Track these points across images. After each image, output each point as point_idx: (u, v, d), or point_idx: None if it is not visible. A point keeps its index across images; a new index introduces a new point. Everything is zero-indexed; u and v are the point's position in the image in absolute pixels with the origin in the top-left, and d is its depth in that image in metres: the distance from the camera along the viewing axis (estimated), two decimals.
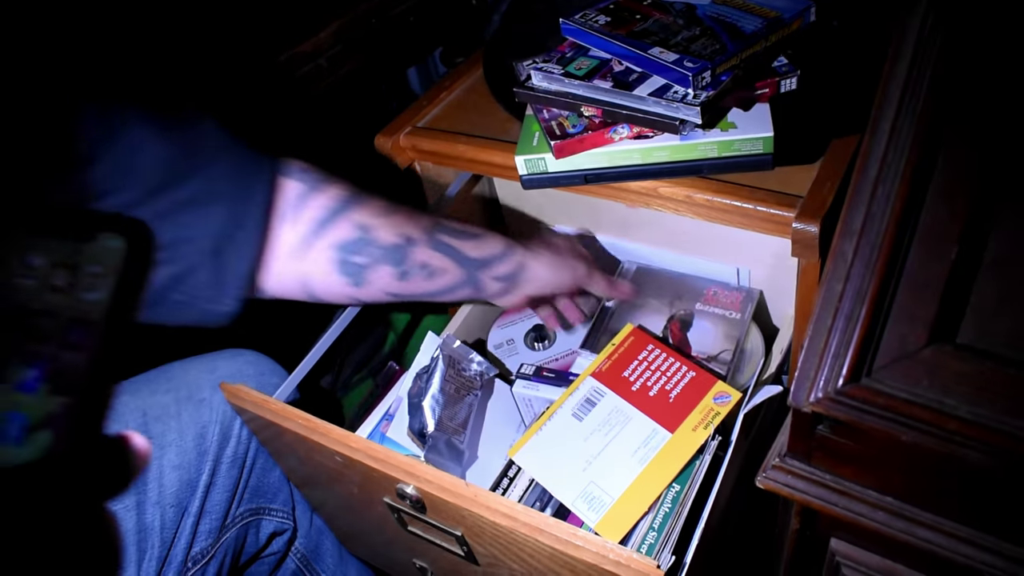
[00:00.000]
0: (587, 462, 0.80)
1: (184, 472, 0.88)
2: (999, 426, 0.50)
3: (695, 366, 0.86)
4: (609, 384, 0.86)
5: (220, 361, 0.96)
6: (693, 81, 0.75)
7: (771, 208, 0.79)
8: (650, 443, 0.80)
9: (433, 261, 0.80)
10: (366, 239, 0.76)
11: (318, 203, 0.75)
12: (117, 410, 0.86)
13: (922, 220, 0.55)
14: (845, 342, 0.54)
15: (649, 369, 0.86)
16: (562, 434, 0.83)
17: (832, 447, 0.59)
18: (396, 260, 0.78)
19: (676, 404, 0.83)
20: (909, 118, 0.57)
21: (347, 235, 0.76)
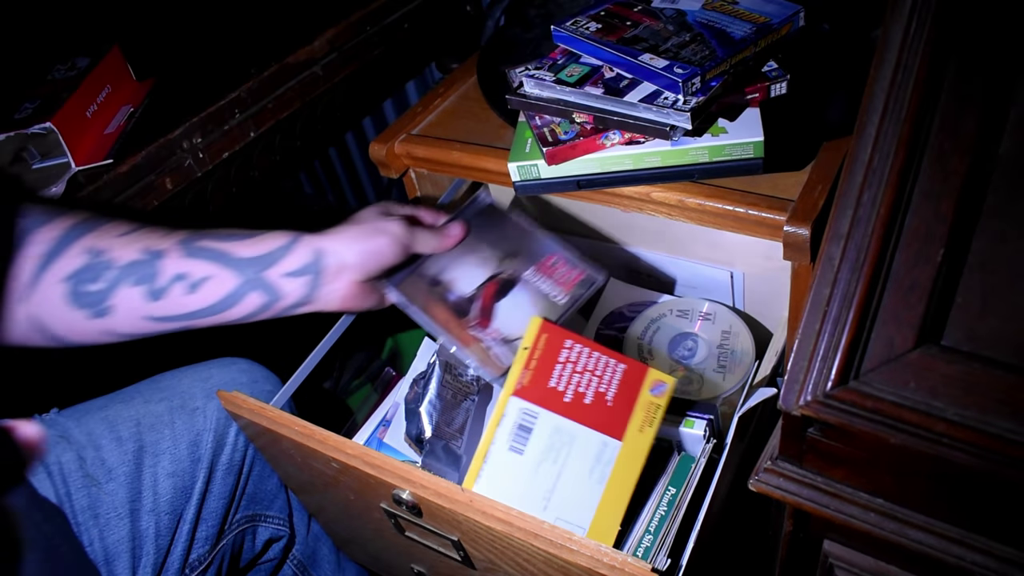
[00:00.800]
0: (544, 499, 0.74)
1: (179, 479, 0.89)
2: (986, 428, 0.51)
3: (622, 356, 0.78)
4: (538, 401, 0.76)
5: (213, 370, 0.96)
6: (683, 87, 0.75)
7: (763, 212, 0.79)
8: (603, 457, 0.74)
9: (193, 270, 0.71)
10: (99, 263, 0.69)
11: (43, 237, 0.68)
12: (110, 419, 0.87)
13: (908, 223, 0.56)
14: (833, 346, 0.55)
15: (576, 371, 0.77)
16: (506, 474, 0.75)
17: (823, 450, 0.59)
18: (140, 278, 0.70)
19: (616, 406, 0.76)
20: (894, 122, 0.57)
21: (76, 263, 0.69)
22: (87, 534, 0.83)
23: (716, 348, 0.96)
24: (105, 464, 0.85)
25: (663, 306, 1.01)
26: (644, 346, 0.97)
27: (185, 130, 1.00)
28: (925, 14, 0.60)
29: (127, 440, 0.87)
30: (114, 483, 0.85)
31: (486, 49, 1.11)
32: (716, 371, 0.94)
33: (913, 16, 0.60)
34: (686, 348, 0.96)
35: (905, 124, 0.57)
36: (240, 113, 1.06)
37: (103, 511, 0.84)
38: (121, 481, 0.85)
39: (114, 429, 0.87)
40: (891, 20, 0.60)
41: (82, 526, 0.83)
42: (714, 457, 0.82)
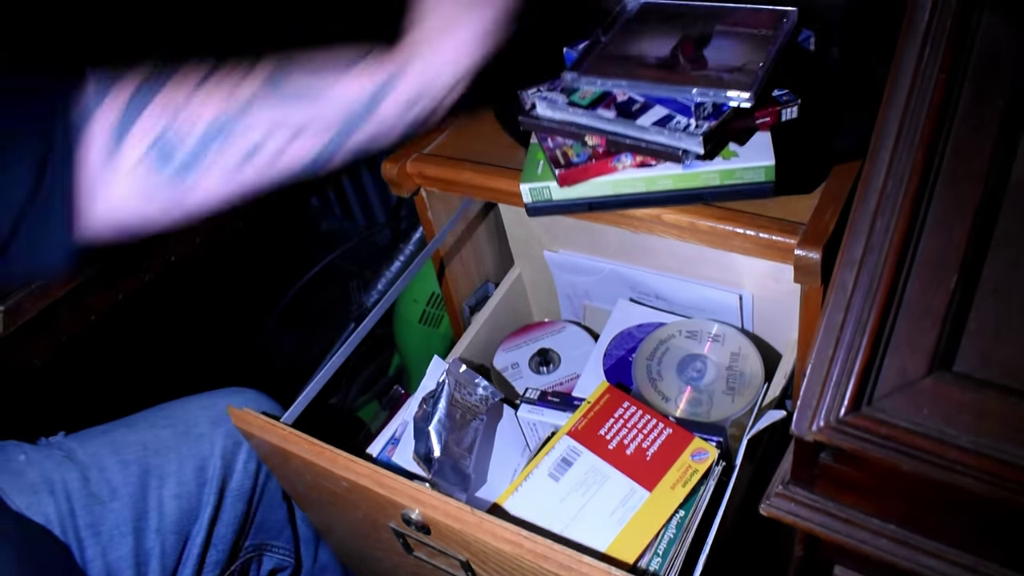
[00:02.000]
0: (564, 524, 0.80)
1: (184, 501, 0.89)
2: (1000, 455, 0.51)
3: (672, 423, 0.86)
4: (585, 443, 0.85)
5: (219, 399, 0.96)
6: (695, 111, 0.76)
7: (773, 235, 0.79)
8: (628, 503, 0.80)
9: (286, 118, 0.62)
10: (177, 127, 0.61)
11: (110, 107, 0.60)
12: (115, 443, 0.88)
13: (921, 250, 0.56)
14: (846, 372, 0.55)
15: (625, 427, 0.86)
16: (539, 495, 0.82)
17: (835, 475, 0.59)
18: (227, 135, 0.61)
19: (653, 462, 0.83)
20: (908, 148, 0.58)
21: (153, 129, 0.61)
22: (89, 551, 0.83)
23: (725, 370, 0.96)
24: (110, 483, 0.85)
25: (672, 327, 1.01)
26: (653, 367, 0.97)
27: None
28: (939, 38, 0.60)
29: (132, 463, 0.87)
30: (118, 502, 0.85)
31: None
32: (725, 393, 0.94)
33: (927, 40, 0.60)
34: (695, 370, 0.96)
35: (919, 150, 0.57)
36: None
37: (106, 528, 0.84)
38: (125, 500, 0.85)
39: (119, 452, 0.87)
40: (904, 44, 0.61)
41: (84, 543, 0.83)
42: (723, 480, 0.82)
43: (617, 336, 1.04)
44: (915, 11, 0.61)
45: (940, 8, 0.60)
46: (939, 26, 0.59)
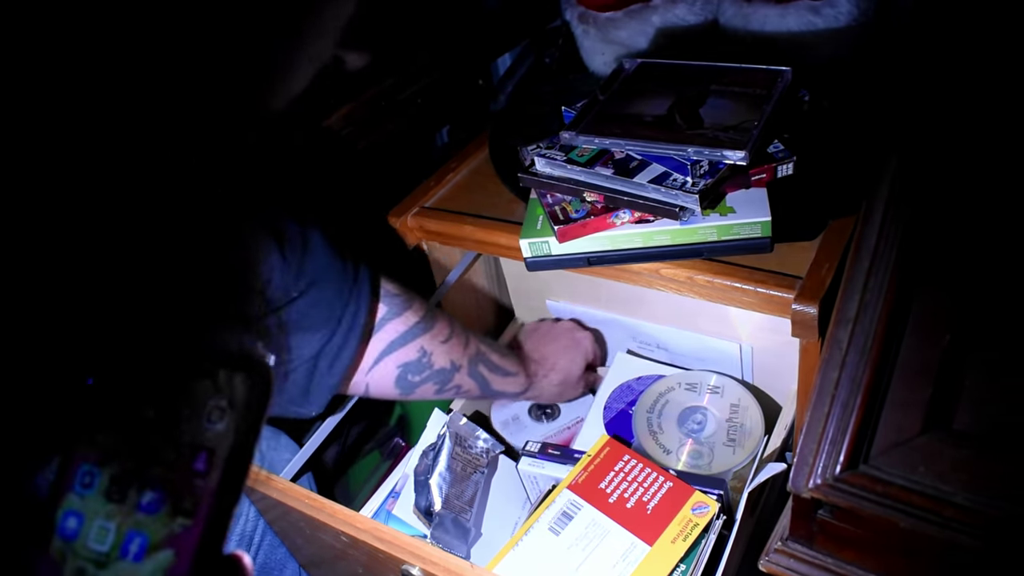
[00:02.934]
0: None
1: None
2: (996, 512, 0.51)
3: (672, 476, 0.86)
4: (586, 496, 0.86)
5: None
6: (691, 169, 0.77)
7: (771, 289, 0.80)
8: (628, 557, 0.81)
9: (466, 385, 0.90)
10: (424, 363, 0.86)
11: (395, 327, 0.83)
12: None
13: (914, 308, 0.57)
14: (842, 429, 0.55)
15: (626, 480, 0.87)
16: (539, 549, 0.83)
17: (833, 531, 0.60)
18: (441, 381, 0.88)
19: (654, 516, 0.83)
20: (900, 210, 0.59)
21: (410, 357, 0.85)
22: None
23: (725, 422, 0.96)
24: None
25: (671, 380, 1.02)
26: (653, 420, 0.97)
27: None
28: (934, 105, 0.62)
29: None
30: None
31: (498, 124, 1.14)
32: (726, 445, 0.94)
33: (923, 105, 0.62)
34: (695, 422, 0.96)
35: (911, 213, 0.58)
36: None
37: None
38: None
39: None
40: (896, 109, 0.62)
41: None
42: (724, 533, 0.82)
43: (616, 389, 1.04)
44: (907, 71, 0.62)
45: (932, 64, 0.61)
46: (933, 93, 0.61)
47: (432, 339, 0.86)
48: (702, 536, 0.81)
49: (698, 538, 0.81)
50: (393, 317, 0.83)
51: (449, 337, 0.88)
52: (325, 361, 0.77)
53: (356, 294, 0.78)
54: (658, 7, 1.11)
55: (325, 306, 0.75)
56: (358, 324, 0.78)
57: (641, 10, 1.12)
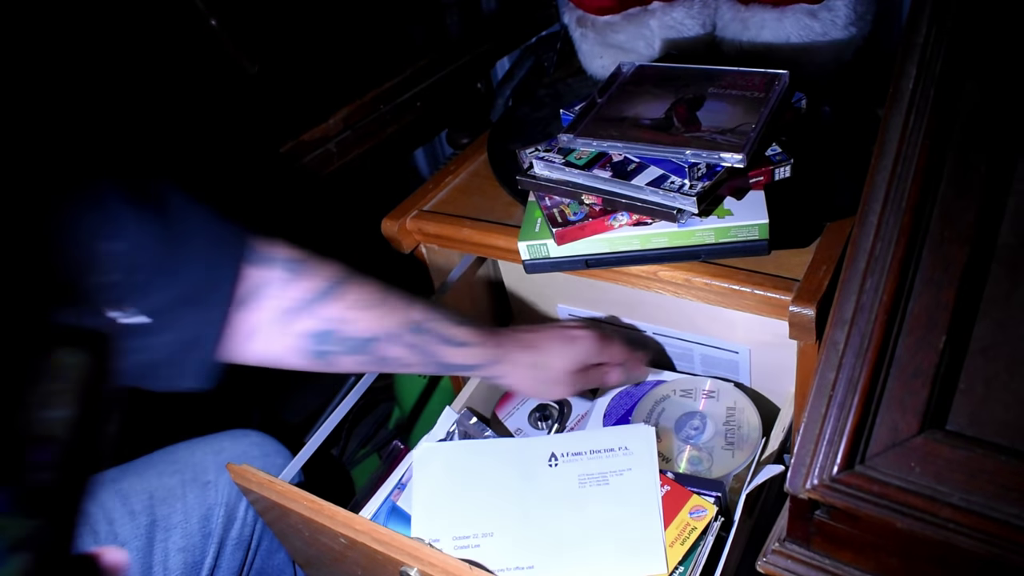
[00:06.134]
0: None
1: (189, 554, 0.89)
2: (991, 513, 0.52)
3: (669, 480, 0.86)
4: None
5: (226, 442, 0.97)
6: (689, 172, 0.78)
7: (768, 292, 0.81)
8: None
9: (404, 357, 0.83)
10: (334, 331, 0.79)
11: (292, 293, 0.78)
12: (123, 492, 0.88)
13: (910, 310, 0.57)
14: (839, 430, 0.56)
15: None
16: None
17: (830, 532, 0.60)
18: (364, 351, 0.81)
19: None
20: (895, 212, 0.59)
21: (314, 327, 0.79)
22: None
23: (723, 425, 0.96)
24: (118, 539, 0.86)
25: (667, 387, 1.02)
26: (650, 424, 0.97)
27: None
28: (923, 106, 0.62)
29: (140, 513, 0.88)
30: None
31: (496, 127, 1.14)
32: (725, 448, 0.94)
33: (912, 109, 0.62)
34: (692, 427, 0.97)
35: (906, 214, 0.59)
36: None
37: None
38: (134, 556, 0.86)
39: (127, 503, 0.88)
40: (891, 112, 0.63)
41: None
42: (722, 535, 0.82)
43: (616, 396, 1.04)
44: (900, 79, 0.63)
45: (924, 76, 0.62)
46: (924, 94, 0.61)
47: (345, 306, 0.80)
48: (700, 539, 0.82)
49: (696, 541, 0.81)
50: (290, 282, 0.78)
51: (374, 304, 0.81)
52: (192, 329, 0.72)
53: (222, 257, 0.74)
54: (656, 11, 1.12)
55: (188, 272, 0.70)
56: (223, 288, 0.73)
57: (639, 14, 1.13)
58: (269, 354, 0.79)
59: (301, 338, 0.78)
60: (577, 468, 0.89)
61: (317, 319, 0.78)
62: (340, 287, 0.79)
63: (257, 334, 0.77)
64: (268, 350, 0.79)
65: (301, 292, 0.78)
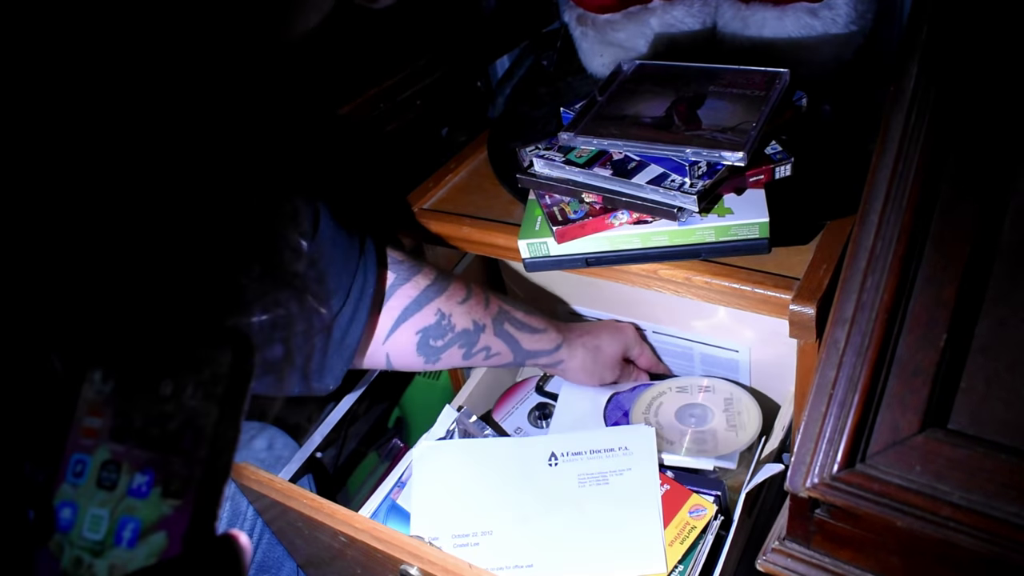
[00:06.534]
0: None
1: None
2: (992, 512, 0.52)
3: (669, 479, 0.86)
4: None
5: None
6: (689, 170, 0.77)
7: (768, 290, 0.81)
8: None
9: (495, 346, 0.90)
10: (444, 325, 0.86)
11: (406, 293, 0.84)
12: None
13: (911, 309, 0.57)
14: (839, 428, 0.56)
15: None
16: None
17: (830, 531, 0.60)
18: (466, 343, 0.88)
19: None
20: (896, 210, 0.59)
21: (428, 321, 0.85)
22: None
23: (723, 412, 0.96)
24: None
25: (661, 385, 1.02)
26: (651, 419, 0.97)
27: None
28: (925, 105, 0.62)
29: None
30: None
31: (496, 126, 1.14)
32: (728, 430, 0.94)
33: (913, 107, 0.62)
34: (692, 415, 0.96)
35: (907, 212, 0.58)
36: None
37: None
38: None
39: None
40: (892, 111, 0.63)
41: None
42: (721, 534, 0.82)
43: (613, 397, 1.04)
44: (902, 78, 0.63)
45: (926, 75, 0.62)
46: (924, 93, 0.61)
47: (448, 300, 0.86)
48: (700, 538, 0.82)
49: (696, 540, 0.81)
50: (403, 283, 0.84)
51: (467, 297, 0.88)
52: (338, 332, 0.78)
53: (363, 263, 0.79)
54: (656, 9, 1.12)
55: (333, 277, 0.76)
56: (368, 292, 0.79)
57: (639, 12, 1.13)
58: (391, 354, 0.85)
59: (417, 334, 0.85)
60: (577, 468, 0.89)
61: (429, 314, 0.85)
62: (441, 283, 0.86)
63: (383, 335, 0.83)
64: (390, 350, 0.85)
65: (413, 290, 0.84)
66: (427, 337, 0.85)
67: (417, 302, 0.84)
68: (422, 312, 0.84)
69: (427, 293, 0.85)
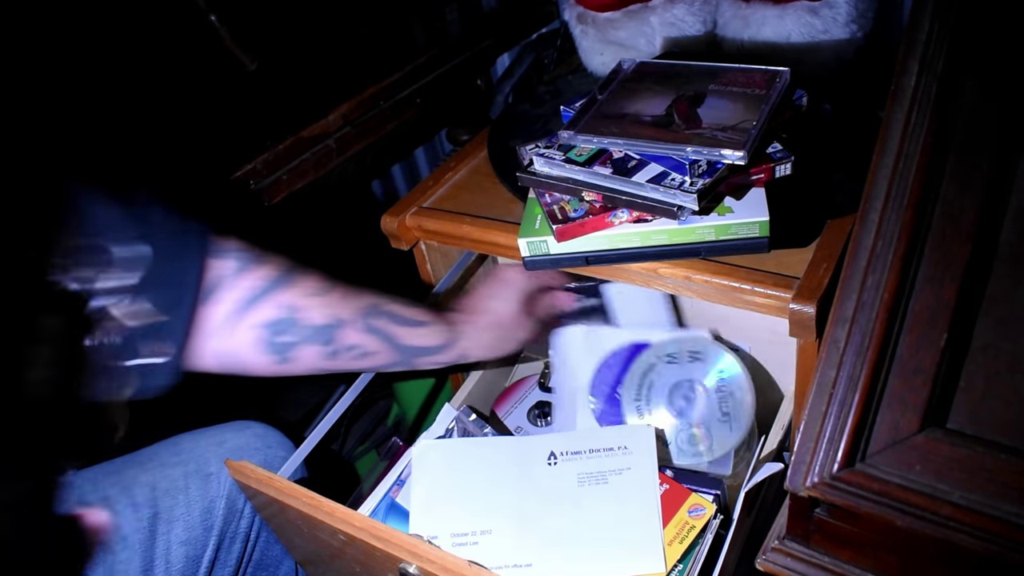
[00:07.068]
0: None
1: (191, 548, 0.89)
2: (992, 512, 0.52)
3: (668, 479, 0.86)
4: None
5: (228, 434, 0.97)
6: (689, 169, 0.77)
7: (768, 289, 0.81)
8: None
9: (366, 344, 0.83)
10: (292, 319, 0.79)
11: (246, 283, 0.77)
12: (126, 484, 0.88)
13: (911, 308, 0.57)
14: (839, 428, 0.56)
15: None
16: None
17: (830, 530, 0.60)
18: (324, 340, 0.81)
19: None
20: (896, 209, 0.59)
21: (272, 315, 0.78)
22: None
23: (715, 393, 0.94)
24: (120, 531, 0.85)
25: (650, 354, 0.99)
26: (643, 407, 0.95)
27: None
28: (925, 103, 0.62)
29: (142, 506, 0.87)
30: (128, 551, 0.85)
31: (496, 124, 1.14)
32: (722, 421, 0.93)
33: (914, 106, 0.62)
34: (684, 398, 0.95)
35: (907, 211, 0.58)
36: (255, 184, 1.08)
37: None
38: (136, 549, 0.85)
39: (130, 494, 0.88)
40: (892, 109, 0.63)
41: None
42: (721, 533, 0.82)
43: (596, 374, 1.01)
44: (902, 76, 0.63)
45: (926, 73, 0.62)
46: (925, 91, 0.61)
47: (299, 293, 0.79)
48: (699, 537, 0.82)
49: (695, 539, 0.81)
50: (243, 272, 0.78)
51: (326, 291, 0.81)
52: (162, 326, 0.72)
53: (188, 252, 0.74)
54: (657, 7, 1.12)
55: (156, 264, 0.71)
56: (190, 280, 0.73)
57: (640, 10, 1.13)
58: (231, 352, 0.78)
59: (259, 328, 0.78)
60: (576, 467, 0.88)
61: (273, 307, 0.78)
62: (291, 275, 0.79)
63: (219, 330, 0.77)
64: (229, 347, 0.78)
65: (255, 281, 0.78)
66: (272, 333, 0.78)
67: (259, 293, 0.78)
68: (263, 305, 0.78)
69: (271, 285, 0.78)
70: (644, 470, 0.87)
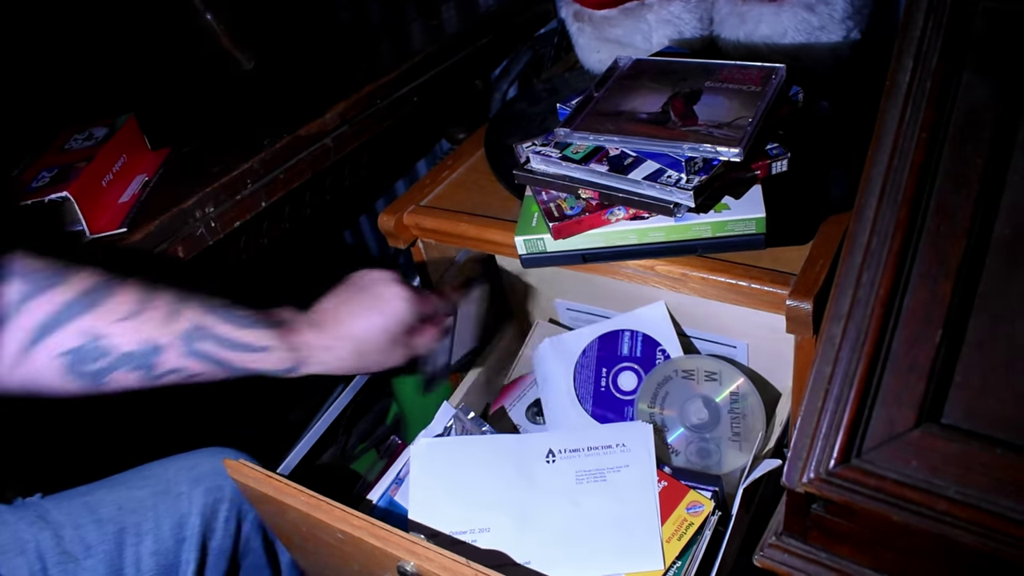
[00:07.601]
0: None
1: (162, 557, 0.87)
2: (987, 507, 0.52)
3: (666, 476, 0.86)
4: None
5: (201, 458, 0.95)
6: (686, 166, 0.77)
7: (765, 286, 0.81)
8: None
9: (191, 367, 0.76)
10: (98, 347, 0.72)
11: (37, 308, 0.71)
12: (91, 503, 0.87)
13: (907, 304, 0.57)
14: (835, 424, 0.56)
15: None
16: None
17: (827, 526, 0.60)
18: (139, 365, 0.74)
19: None
20: (891, 205, 0.59)
21: (72, 343, 0.71)
22: None
23: (728, 414, 0.95)
24: (84, 541, 0.84)
25: (667, 368, 0.99)
26: (656, 416, 0.96)
27: (198, 199, 1.02)
28: (920, 99, 0.62)
29: (107, 521, 0.86)
30: (93, 559, 0.84)
31: (493, 123, 1.14)
32: (732, 440, 0.93)
33: (908, 102, 0.62)
34: (697, 416, 0.95)
35: (902, 207, 0.59)
36: (252, 183, 1.08)
37: None
38: (100, 557, 0.84)
39: (95, 511, 0.86)
40: (887, 105, 0.63)
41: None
42: (719, 529, 0.82)
43: (576, 368, 1.02)
44: (897, 72, 0.63)
45: (921, 69, 0.62)
46: (920, 87, 0.61)
47: (102, 317, 0.72)
48: (697, 534, 0.82)
49: (693, 536, 0.81)
50: (34, 296, 0.70)
51: (137, 312, 0.73)
52: None
53: None
54: (653, 5, 1.12)
55: None
56: None
57: (636, 8, 1.13)
58: (34, 380, 0.72)
59: (60, 357, 0.71)
60: (574, 464, 0.89)
61: (72, 334, 0.71)
62: (96, 295, 0.72)
63: (15, 361, 0.71)
64: (32, 376, 0.72)
65: (49, 306, 0.71)
66: (75, 361, 0.71)
67: (54, 320, 0.70)
68: (62, 332, 0.71)
69: (69, 309, 0.71)
70: (642, 467, 0.87)
